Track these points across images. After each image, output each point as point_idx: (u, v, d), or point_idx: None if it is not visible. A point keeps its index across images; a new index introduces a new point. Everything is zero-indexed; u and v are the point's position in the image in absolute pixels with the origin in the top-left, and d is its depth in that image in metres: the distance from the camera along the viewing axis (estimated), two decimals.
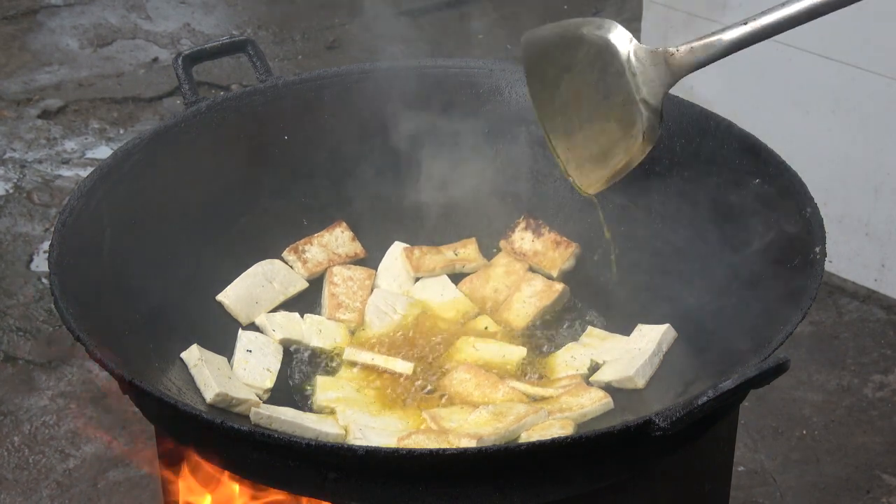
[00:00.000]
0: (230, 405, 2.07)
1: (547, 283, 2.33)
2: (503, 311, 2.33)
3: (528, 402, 2.11)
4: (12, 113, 4.62)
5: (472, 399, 2.12)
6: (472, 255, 2.42)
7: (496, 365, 2.21)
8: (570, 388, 2.12)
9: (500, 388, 2.14)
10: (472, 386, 2.14)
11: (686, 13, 3.75)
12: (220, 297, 2.29)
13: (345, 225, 2.43)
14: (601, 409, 2.08)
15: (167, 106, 4.68)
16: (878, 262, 3.67)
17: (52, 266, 2.02)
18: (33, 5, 5.29)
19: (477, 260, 2.42)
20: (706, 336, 2.14)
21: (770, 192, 2.16)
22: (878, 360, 3.52)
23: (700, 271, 2.22)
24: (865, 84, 3.48)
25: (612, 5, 5.19)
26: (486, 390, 2.13)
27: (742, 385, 1.75)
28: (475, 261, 2.42)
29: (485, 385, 2.14)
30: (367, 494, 1.83)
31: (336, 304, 2.33)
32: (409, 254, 2.41)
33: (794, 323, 1.89)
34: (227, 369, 2.15)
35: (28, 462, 3.26)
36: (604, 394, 2.09)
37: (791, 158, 2.21)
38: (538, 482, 1.82)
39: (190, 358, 2.13)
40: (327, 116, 2.44)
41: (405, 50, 4.70)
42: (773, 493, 3.16)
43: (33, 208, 4.14)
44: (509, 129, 2.46)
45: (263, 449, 1.83)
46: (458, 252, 2.42)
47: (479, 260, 2.42)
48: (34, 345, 3.60)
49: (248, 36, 2.56)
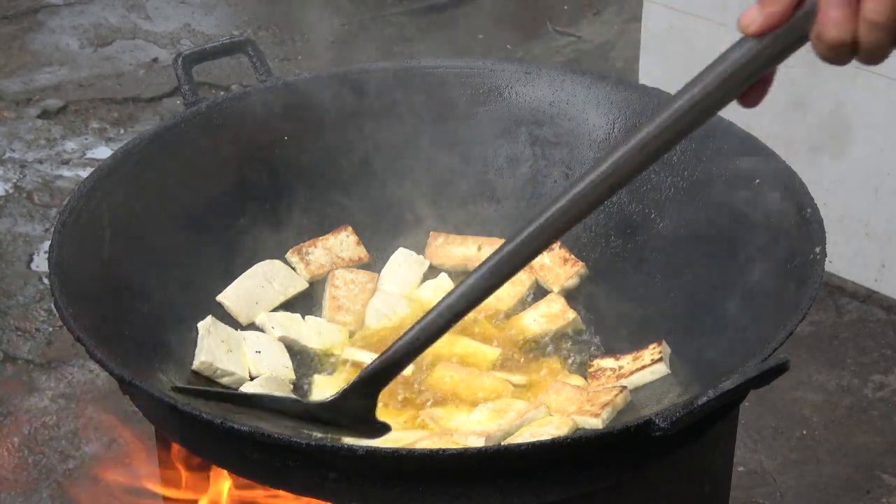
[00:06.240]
0: (215, 374, 2.14)
1: (564, 308, 2.31)
2: (513, 320, 2.32)
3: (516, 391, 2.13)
4: (12, 113, 4.62)
5: (461, 394, 2.13)
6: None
7: (472, 361, 2.21)
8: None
9: (484, 380, 2.14)
10: (457, 381, 2.15)
11: (686, 13, 3.75)
12: (220, 297, 2.29)
13: (350, 229, 2.43)
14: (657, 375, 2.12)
15: (167, 106, 4.68)
16: (878, 262, 3.67)
17: (52, 266, 2.02)
18: (33, 5, 5.29)
19: None
20: (706, 336, 2.14)
21: (770, 193, 2.17)
22: (878, 360, 3.52)
23: (700, 271, 2.22)
24: (865, 84, 3.49)
25: (612, 5, 5.20)
26: (472, 383, 2.14)
27: (742, 385, 1.75)
28: None
29: (468, 379, 2.14)
30: (367, 494, 1.83)
31: (336, 307, 2.33)
32: (433, 239, 2.41)
33: (794, 323, 1.89)
34: (236, 344, 2.19)
35: (28, 462, 3.26)
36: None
37: (791, 158, 2.21)
38: (538, 482, 1.82)
39: (202, 327, 2.18)
40: (328, 117, 2.44)
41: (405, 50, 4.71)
42: (773, 493, 3.16)
43: (33, 208, 4.14)
44: (509, 129, 2.46)
45: (263, 449, 1.83)
46: (482, 248, 2.41)
47: None
48: (34, 345, 3.60)
49: (248, 36, 2.55)
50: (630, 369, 2.15)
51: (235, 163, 2.38)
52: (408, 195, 2.46)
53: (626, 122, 2.39)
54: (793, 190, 2.13)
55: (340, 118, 2.44)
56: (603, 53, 4.89)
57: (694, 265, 2.24)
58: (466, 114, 2.46)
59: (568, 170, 2.44)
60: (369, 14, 5.23)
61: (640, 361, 2.15)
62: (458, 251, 2.42)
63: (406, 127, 2.45)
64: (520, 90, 2.46)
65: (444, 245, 2.43)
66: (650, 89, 2.40)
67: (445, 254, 2.42)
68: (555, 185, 2.44)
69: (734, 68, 1.62)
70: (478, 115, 2.47)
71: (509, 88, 2.47)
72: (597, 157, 2.39)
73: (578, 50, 4.94)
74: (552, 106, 2.45)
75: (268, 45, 4.97)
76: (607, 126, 2.41)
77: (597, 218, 2.37)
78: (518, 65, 2.49)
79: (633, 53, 4.38)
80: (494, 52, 4.76)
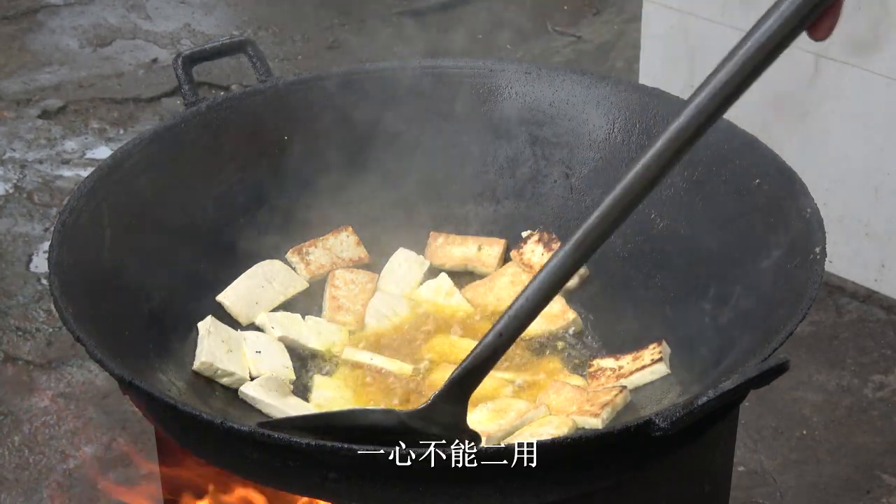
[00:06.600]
0: (215, 374, 2.14)
1: (564, 308, 2.31)
2: None
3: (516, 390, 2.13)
4: (12, 113, 4.62)
5: None
6: (490, 259, 2.40)
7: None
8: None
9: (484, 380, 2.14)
10: None
11: (686, 13, 3.75)
12: (220, 297, 2.29)
13: (350, 229, 2.43)
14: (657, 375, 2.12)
15: (167, 106, 4.67)
16: (878, 262, 3.67)
17: (52, 266, 2.02)
18: (33, 5, 5.29)
19: (492, 266, 2.41)
20: (706, 336, 2.14)
21: (770, 193, 2.17)
22: (878, 360, 3.52)
23: (700, 271, 2.22)
24: (865, 84, 3.49)
25: (612, 5, 5.20)
26: None
27: (742, 385, 1.75)
28: (490, 266, 2.40)
29: None
30: (367, 494, 1.83)
31: (336, 307, 2.33)
32: (433, 239, 2.41)
33: (794, 323, 1.89)
34: (237, 344, 2.19)
35: (28, 462, 3.26)
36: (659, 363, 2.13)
37: (791, 158, 2.21)
38: (538, 482, 1.82)
39: (202, 327, 2.19)
40: (328, 117, 2.44)
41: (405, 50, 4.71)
42: (773, 493, 3.16)
43: (33, 208, 4.14)
44: (509, 129, 2.46)
45: (263, 449, 1.83)
46: (482, 248, 2.41)
47: (494, 266, 2.41)
48: (34, 345, 3.60)
49: (248, 36, 2.55)
50: (630, 369, 2.15)
51: (235, 163, 2.38)
52: (408, 195, 2.46)
53: (625, 122, 2.39)
54: (793, 190, 2.13)
55: (340, 118, 2.44)
56: (603, 53, 4.89)
57: (694, 265, 2.24)
58: (466, 114, 2.46)
59: (568, 170, 2.44)
60: (369, 14, 5.23)
61: (640, 361, 2.15)
62: (458, 251, 2.42)
63: (406, 127, 2.45)
64: (520, 90, 2.46)
65: (444, 245, 2.43)
66: (650, 89, 2.40)
67: (445, 254, 2.43)
68: (555, 185, 2.44)
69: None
70: (478, 115, 2.46)
71: (509, 88, 2.47)
72: (599, 155, 2.40)
73: (578, 50, 4.94)
74: (552, 106, 2.45)
75: (268, 45, 4.97)
76: (607, 126, 2.41)
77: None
78: (518, 65, 2.49)
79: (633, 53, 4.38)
80: (494, 52, 4.76)
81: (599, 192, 2.38)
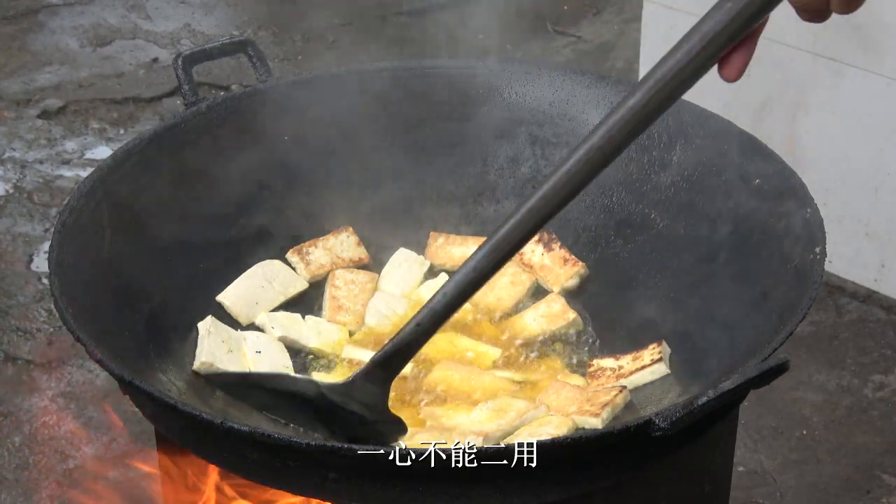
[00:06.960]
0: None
1: (564, 308, 2.30)
2: (513, 319, 2.32)
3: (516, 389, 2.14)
4: (12, 113, 4.62)
5: (460, 393, 2.13)
6: None
7: (472, 360, 2.21)
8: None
9: (484, 379, 2.14)
10: (457, 380, 2.15)
11: (686, 13, 3.75)
12: (220, 297, 2.29)
13: (351, 230, 2.43)
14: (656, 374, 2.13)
15: (167, 106, 4.68)
16: (878, 262, 3.67)
17: (52, 266, 2.02)
18: (33, 5, 5.29)
19: None
20: (706, 336, 2.14)
21: (770, 193, 2.17)
22: (878, 360, 3.52)
23: (699, 271, 2.22)
24: (866, 84, 3.49)
25: (612, 5, 5.20)
26: (471, 383, 2.14)
27: (742, 385, 1.75)
28: None
29: (468, 378, 2.14)
30: (367, 494, 1.83)
31: (337, 307, 2.33)
32: (433, 239, 2.41)
33: (794, 323, 1.89)
34: (237, 344, 2.19)
35: (28, 462, 3.26)
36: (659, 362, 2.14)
37: (791, 158, 2.21)
38: (538, 482, 1.82)
39: (202, 327, 2.18)
40: (328, 117, 2.44)
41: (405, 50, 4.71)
42: (773, 493, 3.16)
43: (33, 208, 4.14)
44: (509, 129, 2.46)
45: (263, 449, 1.83)
46: None
47: None
48: (34, 345, 3.60)
49: (248, 36, 2.55)
50: (630, 369, 2.15)
51: (235, 163, 2.38)
52: (408, 195, 2.46)
53: None
54: (793, 190, 2.13)
55: (340, 118, 2.44)
56: (603, 53, 4.90)
57: (693, 265, 2.24)
58: (466, 114, 2.46)
59: None
60: (369, 14, 5.23)
61: (640, 361, 2.15)
62: (458, 251, 2.42)
63: (406, 127, 2.45)
64: (520, 90, 2.46)
65: (444, 245, 2.43)
66: None
67: (445, 254, 2.43)
68: None
69: (717, 28, 1.65)
70: (478, 115, 2.46)
71: (509, 88, 2.47)
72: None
73: (578, 50, 4.94)
74: (552, 106, 2.45)
75: (268, 45, 4.97)
76: None
77: (597, 218, 2.37)
78: (518, 65, 2.49)
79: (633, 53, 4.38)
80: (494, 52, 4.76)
81: (599, 191, 2.38)
